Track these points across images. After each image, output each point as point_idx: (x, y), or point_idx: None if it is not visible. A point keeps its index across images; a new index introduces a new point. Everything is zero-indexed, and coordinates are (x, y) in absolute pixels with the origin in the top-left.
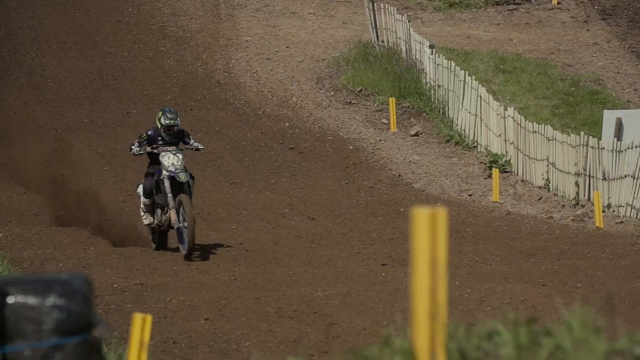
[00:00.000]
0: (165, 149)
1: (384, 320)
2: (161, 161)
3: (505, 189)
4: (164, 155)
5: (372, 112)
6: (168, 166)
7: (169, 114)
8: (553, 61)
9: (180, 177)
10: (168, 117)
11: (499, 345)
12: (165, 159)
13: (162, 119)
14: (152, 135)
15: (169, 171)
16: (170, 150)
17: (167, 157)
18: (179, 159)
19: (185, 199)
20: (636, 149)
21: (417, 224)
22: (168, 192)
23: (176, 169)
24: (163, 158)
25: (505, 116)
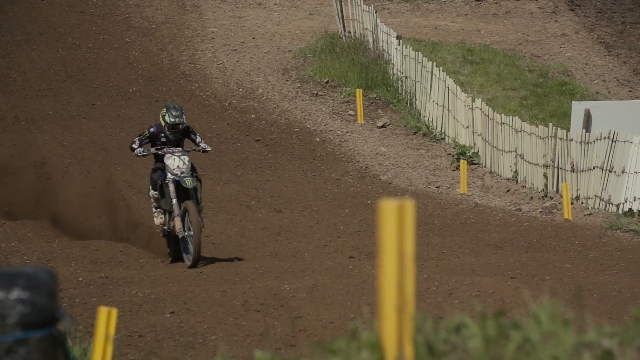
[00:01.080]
0: (170, 150)
1: (351, 314)
2: (166, 164)
3: (473, 180)
4: (169, 158)
5: (339, 104)
6: (173, 169)
7: (174, 112)
8: (521, 52)
9: (186, 183)
10: (173, 115)
11: (467, 338)
12: (170, 162)
13: (166, 117)
14: (154, 132)
15: (174, 174)
16: (175, 152)
17: (172, 159)
18: (184, 162)
19: (192, 206)
20: (605, 141)
21: (384, 216)
22: (173, 197)
23: (181, 173)
24: (168, 160)
25: (473, 108)
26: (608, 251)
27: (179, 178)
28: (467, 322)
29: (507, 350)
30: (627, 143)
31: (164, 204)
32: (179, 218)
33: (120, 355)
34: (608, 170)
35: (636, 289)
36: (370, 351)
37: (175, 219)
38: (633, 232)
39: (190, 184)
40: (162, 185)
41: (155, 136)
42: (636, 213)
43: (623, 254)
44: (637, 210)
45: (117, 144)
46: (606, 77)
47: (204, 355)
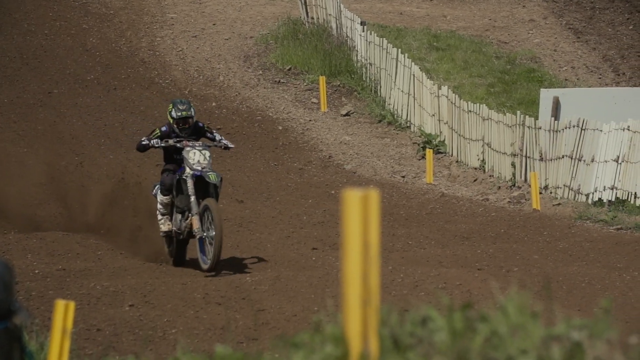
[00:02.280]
0: (189, 143)
1: (315, 306)
2: (185, 157)
3: (439, 170)
4: (189, 151)
5: (301, 92)
6: (193, 164)
7: (181, 105)
8: (488, 38)
9: (210, 178)
10: (180, 109)
11: (433, 331)
12: (190, 155)
13: (173, 112)
14: (166, 131)
15: (194, 170)
16: (195, 146)
17: (193, 153)
18: (205, 156)
19: (213, 203)
20: (573, 129)
21: (348, 206)
22: (191, 194)
23: (203, 168)
24: (187, 154)
25: (439, 95)
26: (577, 242)
27: (201, 173)
28: (433, 315)
29: (474, 343)
30: (597, 131)
31: (179, 201)
32: (197, 217)
33: (78, 349)
34: (577, 159)
35: (606, 280)
36: (335, 345)
37: (193, 218)
38: (603, 222)
39: (215, 179)
40: (179, 181)
41: (167, 136)
42: (606, 203)
43: (592, 244)
44: (607, 200)
45: (74, 132)
46: (575, 63)
47: (164, 349)
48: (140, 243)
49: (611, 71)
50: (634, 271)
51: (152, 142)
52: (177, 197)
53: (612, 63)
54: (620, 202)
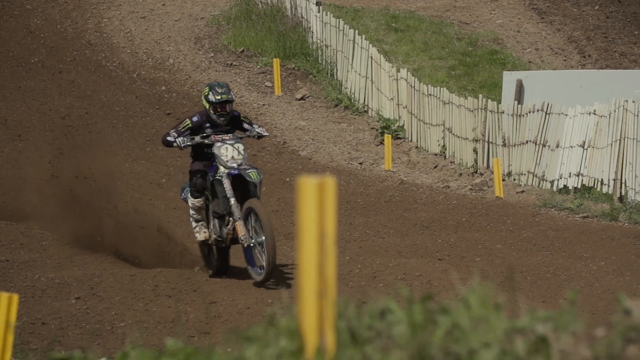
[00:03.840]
0: (219, 137)
1: (269, 299)
2: (216, 155)
3: (398, 156)
4: (220, 147)
5: (254, 75)
6: (227, 161)
7: (219, 88)
8: (449, 19)
9: (250, 176)
10: (218, 92)
11: (392, 324)
12: (223, 151)
13: (210, 96)
14: (198, 121)
15: (230, 168)
16: (227, 140)
17: (225, 148)
18: (239, 151)
19: (258, 204)
20: (538, 113)
21: (303, 194)
22: (230, 196)
23: (239, 165)
24: (219, 150)
25: (397, 78)
26: (542, 231)
27: (239, 171)
28: (392, 307)
29: (434, 336)
30: (562, 115)
31: (216, 206)
32: (241, 222)
33: (22, 344)
34: (542, 145)
35: (571, 270)
36: (289, 338)
37: (238, 224)
38: (568, 210)
39: (256, 177)
40: (212, 182)
41: (199, 127)
42: (571, 190)
43: (558, 233)
44: (573, 187)
45: (19, 117)
46: (539, 45)
47: (112, 343)
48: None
49: (577, 53)
50: (600, 261)
51: (177, 140)
52: (213, 201)
53: (578, 44)
54: (586, 189)
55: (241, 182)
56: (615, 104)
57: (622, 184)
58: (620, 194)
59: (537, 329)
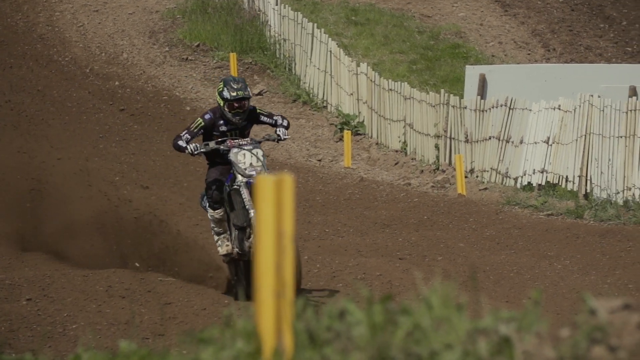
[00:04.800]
0: (235, 142)
1: (226, 299)
2: (233, 162)
3: (358, 153)
4: (237, 153)
5: (211, 69)
6: (245, 169)
7: (235, 84)
8: (410, 12)
9: None
10: (234, 88)
11: (351, 325)
12: (239, 158)
13: (224, 92)
14: (210, 119)
15: (248, 176)
16: (244, 145)
17: (242, 155)
18: (258, 156)
19: None
20: (501, 108)
21: (260, 192)
22: (249, 207)
23: (259, 172)
24: (236, 157)
25: (357, 73)
26: (505, 229)
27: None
28: (351, 307)
29: (395, 338)
30: (526, 111)
31: (236, 218)
32: None
33: None
34: (505, 141)
35: (536, 269)
36: (246, 340)
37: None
38: (532, 207)
39: None
40: (230, 193)
41: (212, 125)
42: (535, 187)
43: (521, 231)
44: (537, 184)
45: None
46: (502, 38)
47: (64, 345)
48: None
49: (541, 47)
50: (565, 260)
51: (189, 147)
52: (232, 213)
53: (542, 38)
54: (550, 186)
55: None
56: (580, 99)
57: (587, 180)
58: (586, 191)
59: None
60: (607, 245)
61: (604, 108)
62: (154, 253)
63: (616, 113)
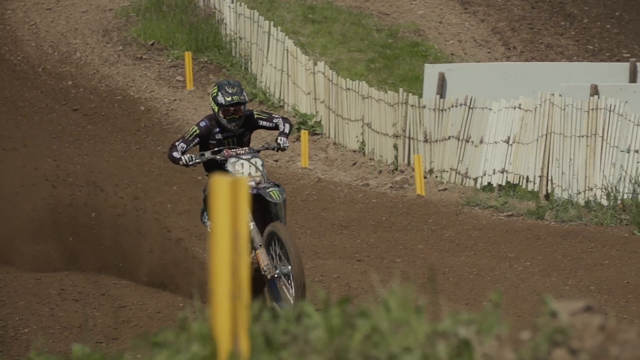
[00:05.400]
0: (232, 152)
1: (181, 302)
2: (230, 172)
3: (315, 153)
4: (234, 163)
5: (165, 69)
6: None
7: (229, 88)
8: (368, 10)
9: (271, 196)
10: (228, 92)
11: (308, 328)
12: (237, 169)
13: (219, 97)
14: (206, 127)
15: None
16: (242, 155)
17: (240, 165)
18: (257, 166)
19: (281, 228)
20: (461, 107)
21: (216, 193)
22: (249, 220)
23: (258, 184)
24: (233, 167)
25: (315, 72)
26: (465, 230)
27: (258, 191)
28: (308, 310)
29: (353, 341)
30: (486, 110)
31: None
32: (262, 250)
33: None
34: (465, 141)
35: (496, 271)
36: (202, 343)
37: (259, 252)
38: (492, 208)
39: (278, 197)
40: None
41: (207, 133)
42: (495, 188)
43: (481, 232)
44: (497, 185)
45: None
46: (462, 37)
47: (16, 350)
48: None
49: (501, 45)
50: (525, 261)
51: (184, 158)
52: None
53: (502, 36)
54: (510, 186)
55: (261, 202)
56: (541, 98)
57: (548, 180)
58: (547, 191)
59: (460, 333)
60: (569, 247)
61: (565, 107)
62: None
63: (577, 112)
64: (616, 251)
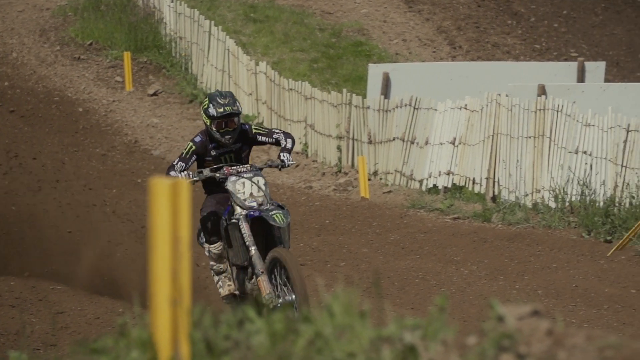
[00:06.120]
0: (233, 170)
1: (120, 308)
2: (231, 192)
3: (257, 155)
4: (235, 182)
5: (104, 69)
6: (245, 199)
7: (221, 99)
8: (310, 9)
9: (275, 219)
10: (220, 103)
11: (250, 334)
12: (238, 188)
13: (210, 109)
14: (201, 142)
15: (248, 208)
16: (242, 173)
17: (240, 184)
18: (260, 185)
19: (285, 254)
20: (405, 108)
21: (156, 196)
22: (250, 244)
23: (260, 204)
24: (234, 186)
25: (256, 72)
26: (410, 233)
27: (261, 213)
28: (250, 315)
29: (296, 346)
30: (431, 110)
31: (234, 256)
32: (265, 277)
33: None
34: (410, 142)
35: (442, 275)
36: (142, 350)
37: (261, 280)
38: (438, 211)
39: (282, 221)
40: (227, 227)
41: (203, 149)
42: (441, 190)
43: (427, 236)
44: (443, 187)
45: None
46: (407, 36)
47: None
48: None
49: (446, 44)
50: (472, 265)
51: (181, 175)
52: (230, 250)
53: (448, 35)
54: (456, 188)
55: (264, 224)
56: (487, 98)
57: (494, 182)
58: (493, 193)
59: (405, 338)
60: (516, 250)
61: (512, 107)
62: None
63: (524, 112)
64: (564, 254)
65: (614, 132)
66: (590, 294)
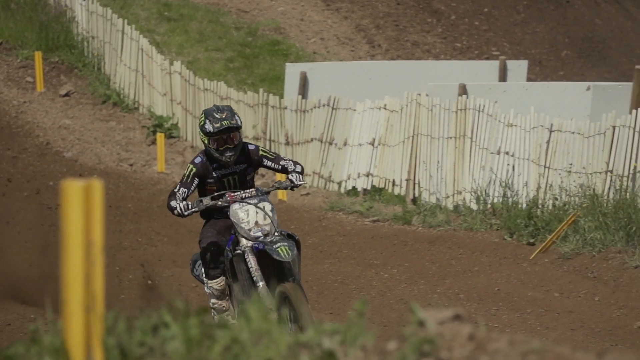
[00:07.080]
0: (236, 196)
1: (32, 314)
2: (234, 222)
3: (172, 157)
4: (238, 210)
5: (14, 69)
6: (249, 229)
7: (218, 113)
8: (226, 7)
9: (280, 255)
10: (216, 118)
11: (166, 339)
12: (242, 215)
13: (206, 126)
14: (202, 163)
15: (252, 238)
16: (247, 199)
17: (244, 211)
18: (266, 212)
19: (294, 291)
20: (324, 108)
21: (67, 199)
22: (258, 279)
23: (266, 235)
24: (237, 215)
25: (171, 72)
26: (329, 236)
27: (265, 246)
28: (166, 321)
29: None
30: (350, 111)
31: (240, 291)
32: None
33: None
34: (328, 143)
35: (361, 279)
36: (54, 356)
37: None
38: (357, 213)
39: (287, 255)
40: (232, 260)
41: (206, 170)
42: (360, 192)
43: (346, 239)
44: (362, 189)
45: None
46: (325, 34)
47: None
48: None
49: (365, 43)
50: (392, 268)
51: (180, 206)
52: (235, 284)
53: (367, 34)
54: (376, 190)
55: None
56: (407, 98)
57: (415, 184)
58: (414, 195)
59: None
60: (437, 253)
61: (432, 107)
62: None
63: (445, 112)
64: (486, 257)
65: (537, 132)
66: (513, 298)
